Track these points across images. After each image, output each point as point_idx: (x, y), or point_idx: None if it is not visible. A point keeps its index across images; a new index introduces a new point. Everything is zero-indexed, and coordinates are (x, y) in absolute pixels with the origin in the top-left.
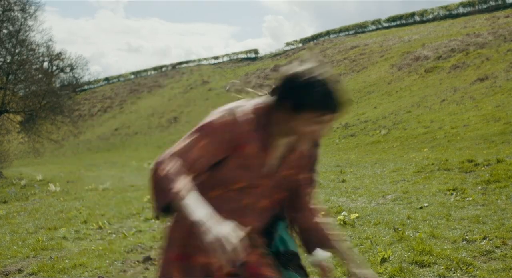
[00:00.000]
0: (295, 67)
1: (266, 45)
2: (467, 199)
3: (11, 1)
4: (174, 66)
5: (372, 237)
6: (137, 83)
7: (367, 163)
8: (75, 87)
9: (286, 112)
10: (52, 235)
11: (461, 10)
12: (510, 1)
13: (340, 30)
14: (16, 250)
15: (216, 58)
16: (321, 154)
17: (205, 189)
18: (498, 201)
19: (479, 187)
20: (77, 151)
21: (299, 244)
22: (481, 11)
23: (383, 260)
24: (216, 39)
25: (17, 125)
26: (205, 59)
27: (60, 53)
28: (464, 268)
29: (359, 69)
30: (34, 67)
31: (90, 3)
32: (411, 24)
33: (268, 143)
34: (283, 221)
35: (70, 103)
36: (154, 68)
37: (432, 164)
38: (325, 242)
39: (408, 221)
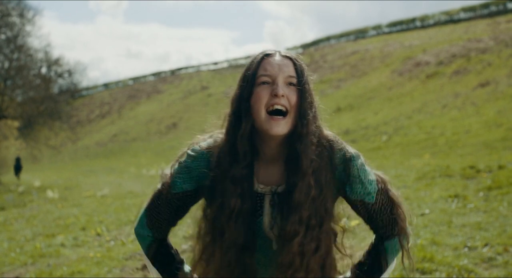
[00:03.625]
0: None
1: None
2: (469, 205)
3: (9, 6)
4: (173, 72)
5: None
6: (136, 89)
7: None
8: (73, 93)
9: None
10: (50, 242)
11: (462, 15)
12: (511, 7)
13: (341, 35)
14: (13, 257)
15: (215, 63)
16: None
17: None
18: (500, 207)
19: (481, 194)
20: (75, 157)
21: None
22: (482, 16)
23: None
24: (217, 45)
25: (15, 132)
26: (205, 64)
27: (58, 58)
28: (466, 275)
29: (360, 75)
30: (32, 73)
31: (89, 8)
32: (412, 29)
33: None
34: None
35: (68, 109)
36: (153, 74)
37: (434, 170)
38: None
39: (409, 228)
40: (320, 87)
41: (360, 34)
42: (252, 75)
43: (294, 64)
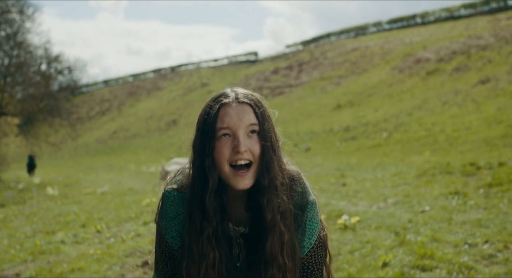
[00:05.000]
0: None
1: (266, 47)
2: (469, 202)
3: (9, 3)
4: (173, 68)
5: (373, 241)
6: (136, 86)
7: (368, 166)
8: (73, 90)
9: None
10: (50, 239)
11: (462, 12)
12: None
13: (341, 32)
14: (13, 254)
15: (215, 60)
16: (320, 161)
17: None
18: (500, 204)
19: (481, 191)
20: (75, 154)
21: None
22: (482, 13)
23: (384, 265)
24: (217, 42)
25: (15, 128)
26: (205, 61)
27: (58, 55)
28: (466, 272)
29: (360, 72)
30: (32, 69)
31: (89, 5)
32: (413, 26)
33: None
34: None
35: (68, 106)
36: (153, 71)
37: (434, 167)
38: None
39: (410, 225)
40: (320, 84)
41: (360, 31)
42: (211, 129)
43: (254, 110)
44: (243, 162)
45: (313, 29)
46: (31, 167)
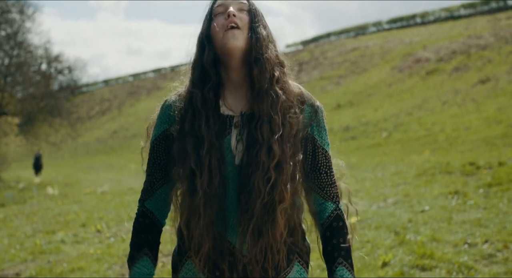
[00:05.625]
0: None
1: None
2: (469, 202)
3: (9, 3)
4: (173, 68)
5: (373, 241)
6: (136, 86)
7: (368, 166)
8: (74, 89)
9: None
10: (50, 239)
11: (462, 11)
12: (511, 3)
13: (341, 32)
14: (13, 253)
15: None
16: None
17: None
18: (500, 204)
19: (481, 190)
20: (75, 153)
21: None
22: (482, 13)
23: (384, 264)
24: None
25: (15, 128)
26: None
27: (58, 55)
28: (466, 271)
29: (360, 71)
30: (32, 69)
31: (89, 5)
32: (412, 25)
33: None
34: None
35: (68, 105)
36: (153, 70)
37: (434, 167)
38: None
39: (409, 225)
40: (320, 84)
41: (360, 30)
42: (209, 12)
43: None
44: (233, 24)
45: (313, 29)
46: (37, 167)
